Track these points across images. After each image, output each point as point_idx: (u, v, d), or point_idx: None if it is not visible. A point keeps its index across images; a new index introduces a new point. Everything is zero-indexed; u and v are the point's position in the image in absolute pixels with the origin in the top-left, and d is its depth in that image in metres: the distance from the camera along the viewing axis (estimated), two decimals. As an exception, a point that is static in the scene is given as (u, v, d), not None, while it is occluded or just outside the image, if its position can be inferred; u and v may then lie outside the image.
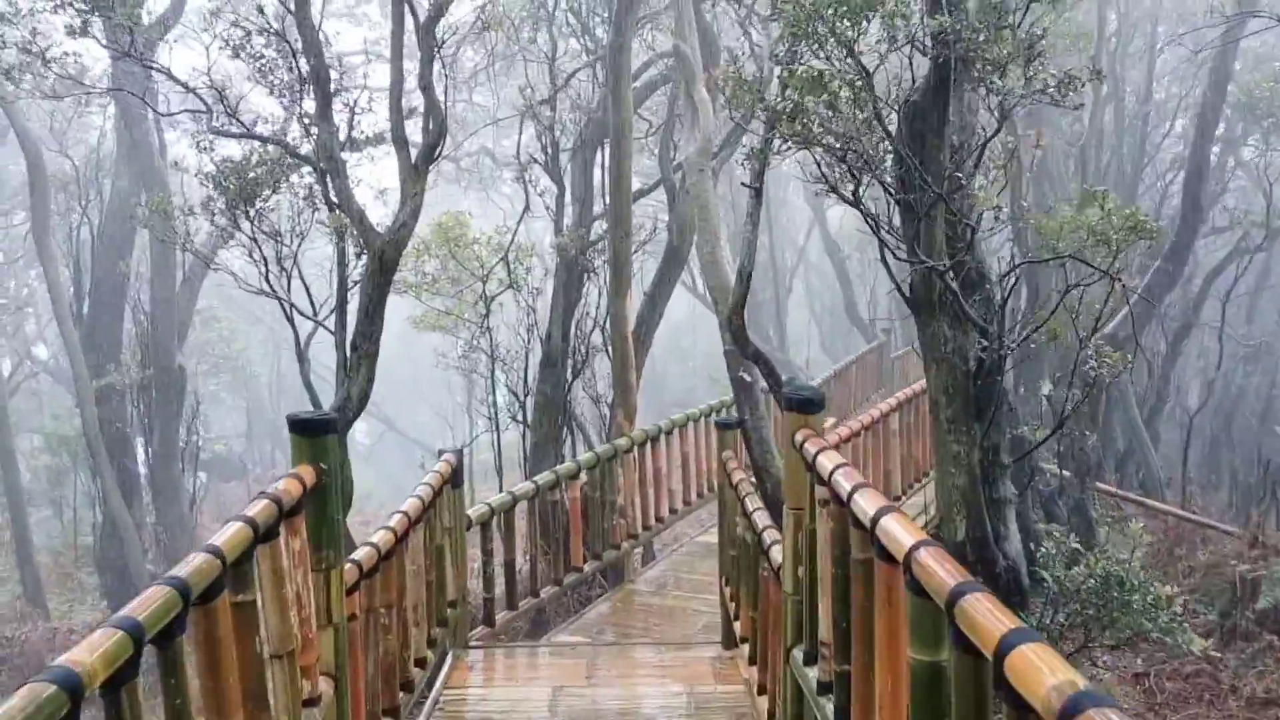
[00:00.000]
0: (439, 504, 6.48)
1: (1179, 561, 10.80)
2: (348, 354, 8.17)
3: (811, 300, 35.91)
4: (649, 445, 9.62)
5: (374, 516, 25.54)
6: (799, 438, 4.25)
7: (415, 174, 7.62)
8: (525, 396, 11.14)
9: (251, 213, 8.96)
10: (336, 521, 4.17)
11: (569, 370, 11.20)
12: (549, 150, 10.98)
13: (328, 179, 7.72)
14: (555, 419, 11.15)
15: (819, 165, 5.74)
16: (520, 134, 11.32)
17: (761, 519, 5.50)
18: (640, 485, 9.61)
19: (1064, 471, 10.43)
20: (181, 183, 12.19)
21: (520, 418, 11.21)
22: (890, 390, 20.52)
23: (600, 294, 11.16)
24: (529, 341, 11.15)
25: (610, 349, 10.44)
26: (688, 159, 7.68)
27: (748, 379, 7.17)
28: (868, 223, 5.94)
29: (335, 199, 7.70)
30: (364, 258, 8.04)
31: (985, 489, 5.54)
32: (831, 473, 3.53)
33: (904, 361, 21.12)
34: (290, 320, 9.31)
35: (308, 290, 9.60)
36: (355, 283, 8.47)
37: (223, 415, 35.84)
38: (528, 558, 8.11)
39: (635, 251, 9.89)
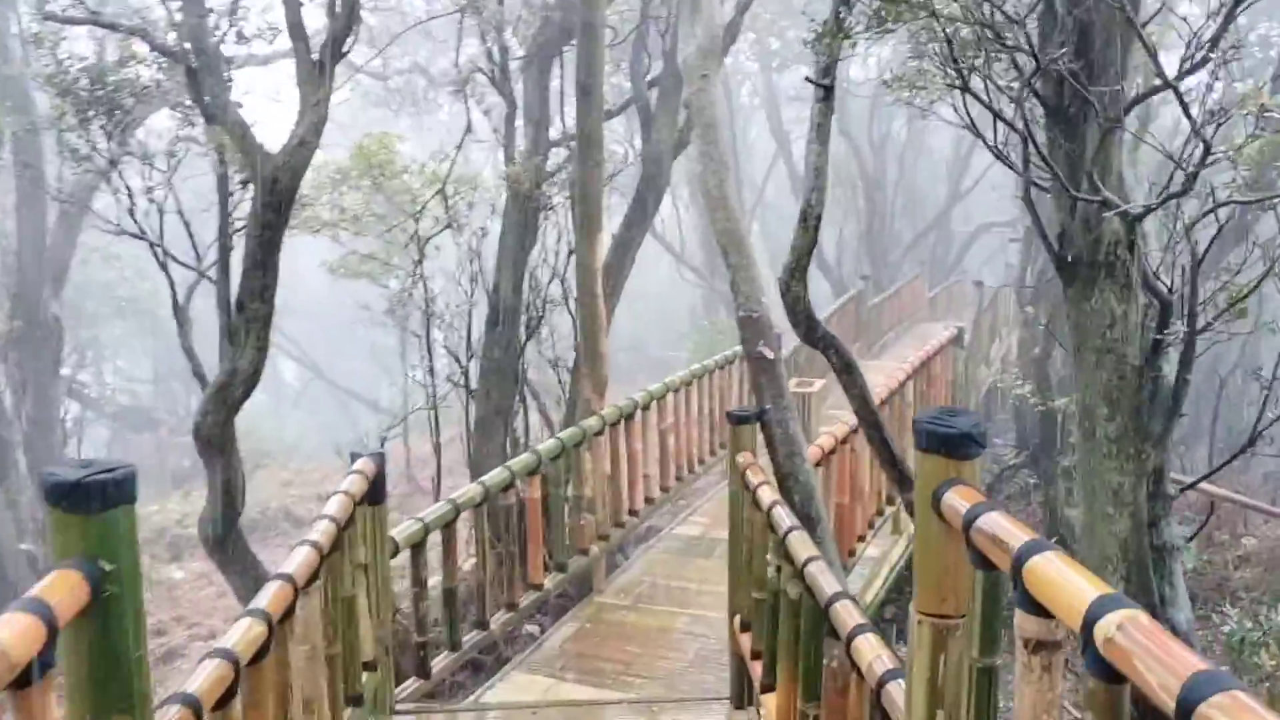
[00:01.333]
0: (349, 537, 4.62)
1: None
2: (231, 314, 6.17)
3: (769, 244, 34.10)
4: (622, 424, 7.82)
5: (297, 477, 23.55)
6: (952, 501, 2.44)
7: (317, 75, 5.58)
8: (468, 360, 9.21)
9: (110, 128, 6.85)
10: (131, 663, 2.27)
11: (521, 329, 9.28)
12: (496, 58, 8.92)
13: (199, 79, 5.64)
14: (505, 388, 9.26)
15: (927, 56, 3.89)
16: (460, 38, 9.22)
17: (825, 580, 3.72)
18: (613, 474, 7.82)
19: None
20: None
21: (463, 385, 9.28)
22: (868, 344, 18.97)
23: (560, 237, 9.22)
24: (472, 294, 9.19)
25: (573, 306, 8.55)
26: (686, 61, 5.74)
27: (769, 355, 5.34)
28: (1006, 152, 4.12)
29: (210, 108, 5.64)
30: (252, 188, 6.00)
31: (1149, 534, 3.83)
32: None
33: (880, 311, 19.53)
34: (164, 268, 7.25)
35: (188, 230, 7.53)
36: (243, 222, 6.43)
37: (136, 361, 33.26)
38: (474, 579, 6.30)
39: (605, 185, 7.94)
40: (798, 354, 12.12)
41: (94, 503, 2.16)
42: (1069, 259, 4.07)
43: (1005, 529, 2.14)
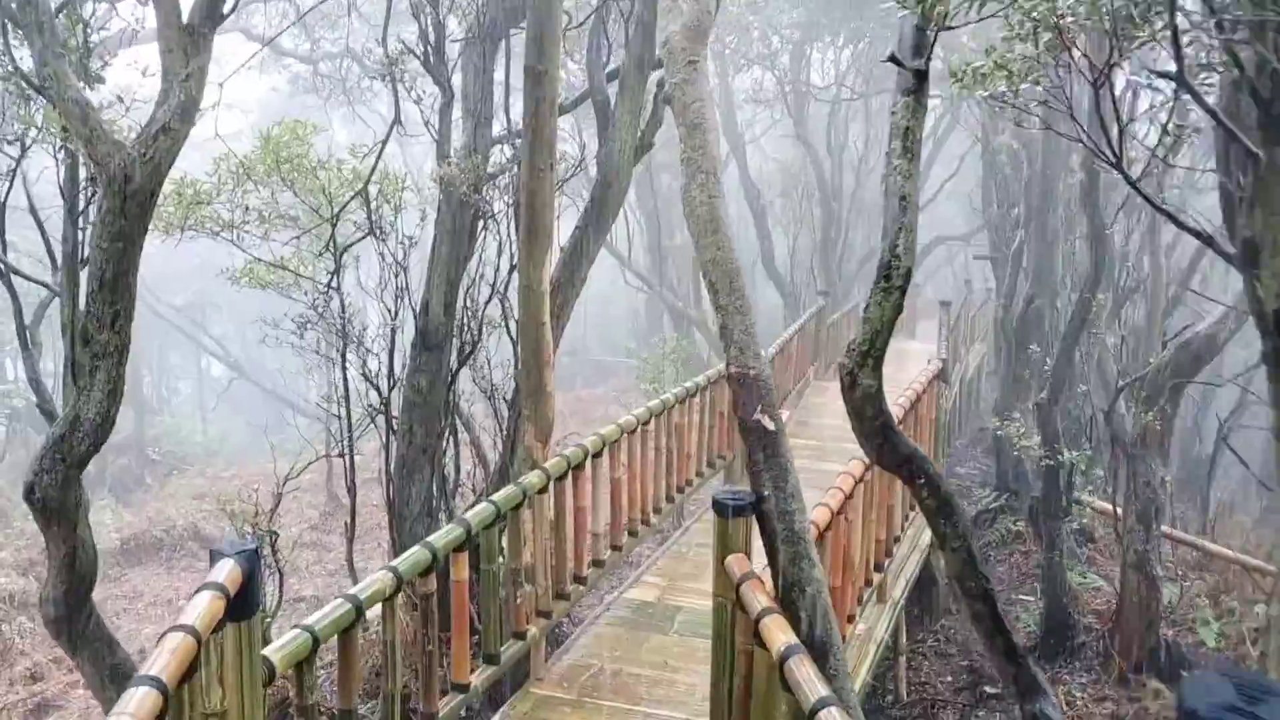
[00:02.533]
0: (196, 685, 3.33)
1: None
2: (74, 346, 4.79)
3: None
4: (569, 476, 6.58)
5: (213, 486, 21.74)
6: None
7: (188, 40, 4.24)
8: (390, 390, 7.86)
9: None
10: None
11: (453, 355, 7.97)
12: (430, 39, 7.59)
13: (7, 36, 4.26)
14: (433, 423, 7.94)
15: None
16: (389, 11, 7.83)
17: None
18: (557, 536, 6.57)
19: (1119, 510, 7.81)
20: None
21: (384, 420, 7.94)
22: (825, 364, 17.93)
23: (501, 249, 7.92)
24: (397, 313, 7.84)
25: (515, 331, 7.28)
26: (669, 44, 4.52)
27: (769, 426, 4.14)
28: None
29: (39, 78, 4.26)
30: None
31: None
32: None
33: (839, 329, 18.50)
34: (5, 280, 5.82)
35: (43, 232, 6.10)
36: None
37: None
38: (379, 693, 5.00)
39: (557, 192, 6.68)
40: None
41: None
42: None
43: None
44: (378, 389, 7.84)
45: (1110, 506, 8.47)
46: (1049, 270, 10.65)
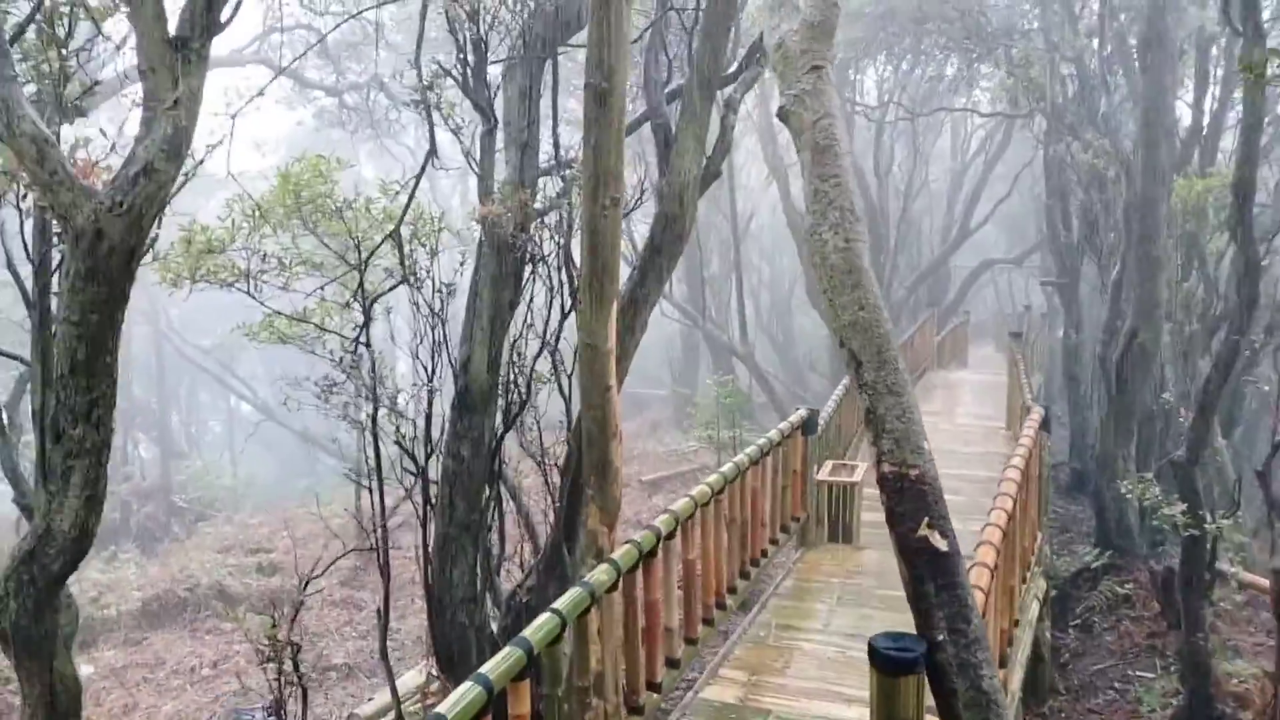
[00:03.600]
0: None
1: None
2: (44, 440, 3.84)
3: (749, 277, 31.98)
4: (640, 566, 5.55)
5: (240, 537, 20.83)
6: None
7: (174, 56, 3.30)
8: (427, 459, 6.88)
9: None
10: None
11: (498, 417, 6.99)
12: (469, 58, 6.66)
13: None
14: (475, 495, 6.95)
15: None
16: (421, 28, 6.89)
17: None
18: (627, 638, 5.54)
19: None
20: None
21: (421, 492, 6.96)
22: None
23: (551, 296, 6.94)
24: (435, 370, 6.88)
25: (574, 390, 6.30)
26: (783, 45, 3.54)
27: (942, 546, 3.10)
28: None
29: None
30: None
31: None
32: None
33: (905, 353, 17.37)
34: (-25, 351, 4.89)
35: (22, 289, 5.17)
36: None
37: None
38: None
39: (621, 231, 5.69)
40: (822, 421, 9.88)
41: None
42: None
43: None
44: (413, 458, 6.86)
45: (1261, 579, 7.33)
46: (1153, 302, 9.56)
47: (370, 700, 12.62)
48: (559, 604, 4.80)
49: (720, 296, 27.61)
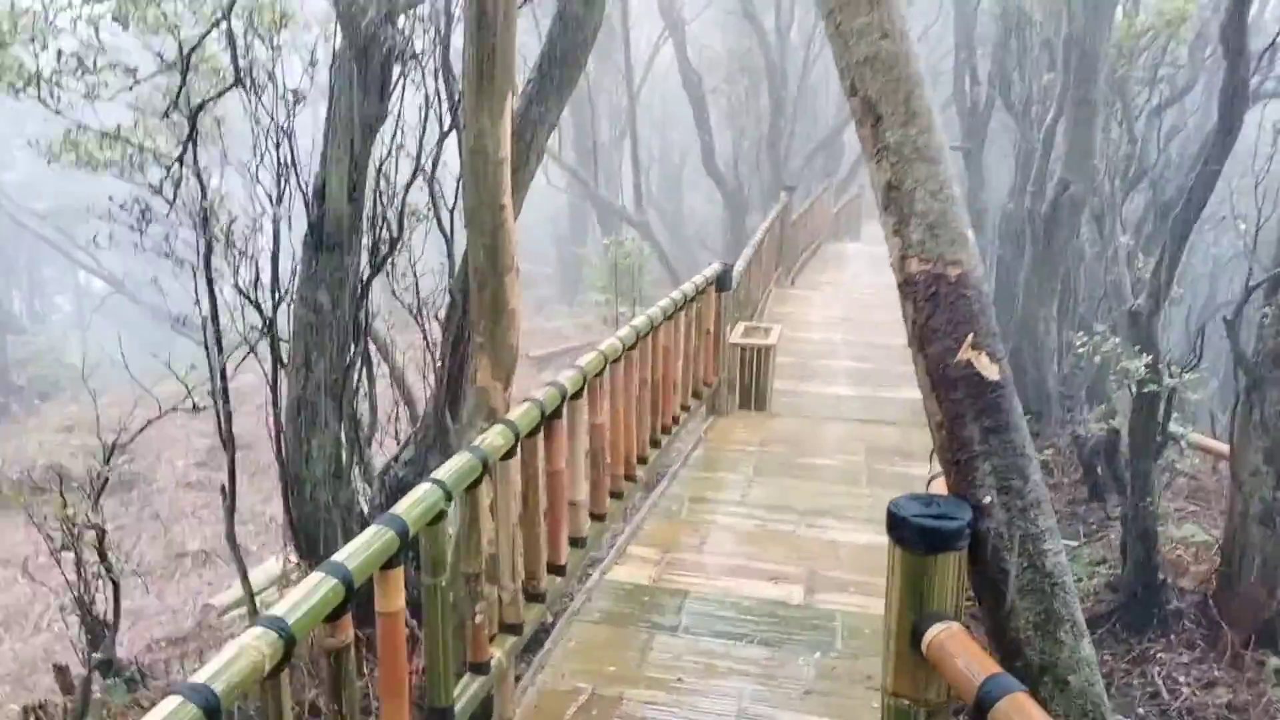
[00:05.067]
0: None
1: None
2: None
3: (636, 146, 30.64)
4: (541, 430, 4.54)
5: (83, 417, 18.93)
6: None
7: None
8: (275, 307, 5.67)
9: None
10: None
11: (363, 257, 5.80)
12: None
13: None
14: (338, 350, 5.79)
15: None
16: None
17: None
18: (527, 514, 4.56)
19: (1233, 447, 6.10)
20: None
21: (270, 349, 5.77)
22: (787, 270, 16.01)
23: (427, 108, 5.68)
24: (281, 198, 5.60)
25: (457, 226, 5.15)
26: None
27: (989, 375, 2.15)
28: None
29: None
30: None
31: None
32: None
33: (798, 229, 16.58)
34: None
35: None
36: None
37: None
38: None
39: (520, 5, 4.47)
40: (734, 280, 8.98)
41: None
42: None
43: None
44: (257, 305, 5.62)
45: (1215, 443, 6.86)
46: (1086, 150, 8.83)
47: (228, 588, 11.52)
48: (441, 472, 3.74)
49: (610, 165, 26.26)
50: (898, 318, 9.67)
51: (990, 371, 2.15)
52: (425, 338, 6.02)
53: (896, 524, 2.15)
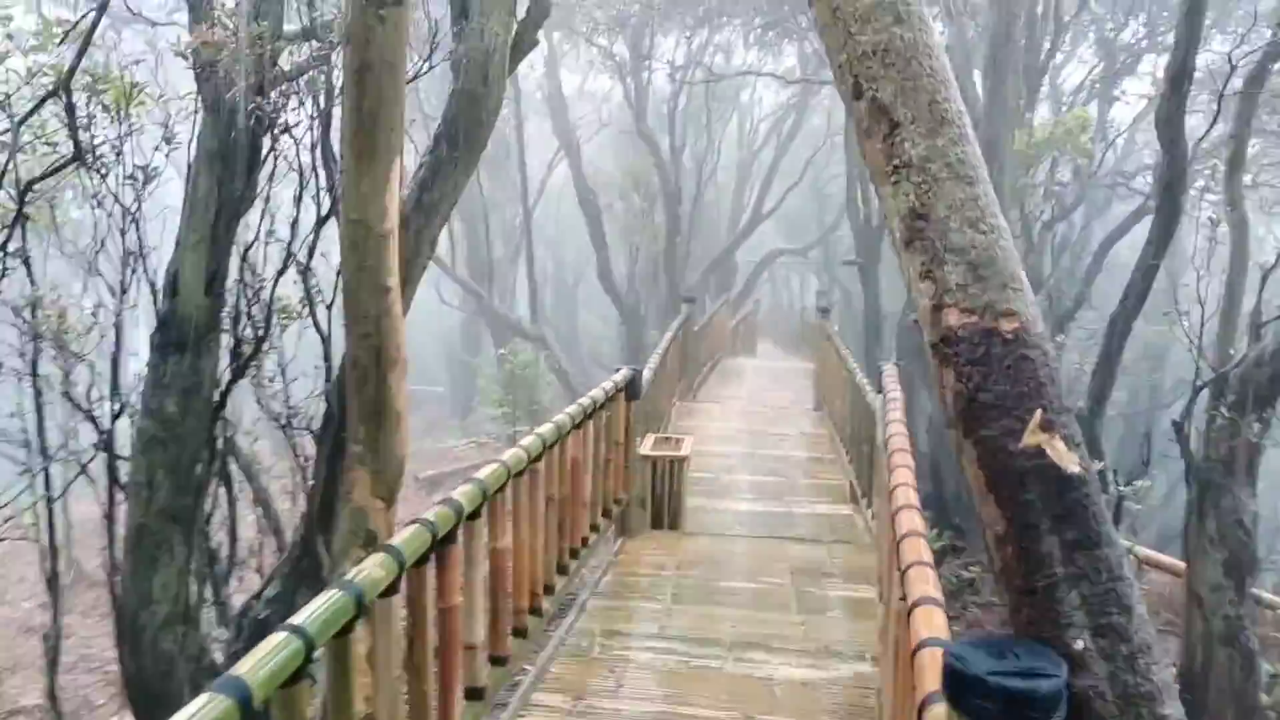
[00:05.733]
0: None
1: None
2: None
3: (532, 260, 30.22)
4: (432, 558, 3.76)
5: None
6: None
7: None
8: (115, 418, 4.78)
9: None
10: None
11: (223, 359, 4.98)
12: None
13: None
14: (186, 470, 4.91)
15: None
16: None
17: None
18: (412, 665, 3.73)
19: (1189, 560, 5.67)
20: None
21: (107, 468, 4.84)
22: (689, 385, 15.56)
23: (303, 186, 4.99)
24: (125, 293, 4.77)
25: (336, 324, 4.43)
26: None
27: (1068, 469, 1.52)
28: None
29: None
30: None
31: None
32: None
33: (699, 342, 16.23)
34: None
35: None
36: None
37: None
38: None
39: (409, 70, 3.87)
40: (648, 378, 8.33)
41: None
42: None
43: None
44: (92, 419, 4.72)
45: (1164, 558, 6.40)
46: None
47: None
48: (302, 616, 2.92)
49: (504, 282, 25.78)
50: (801, 430, 9.36)
51: (1068, 462, 1.54)
52: (295, 453, 5.17)
53: (963, 687, 1.49)
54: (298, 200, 5.00)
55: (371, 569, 3.28)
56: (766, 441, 12.31)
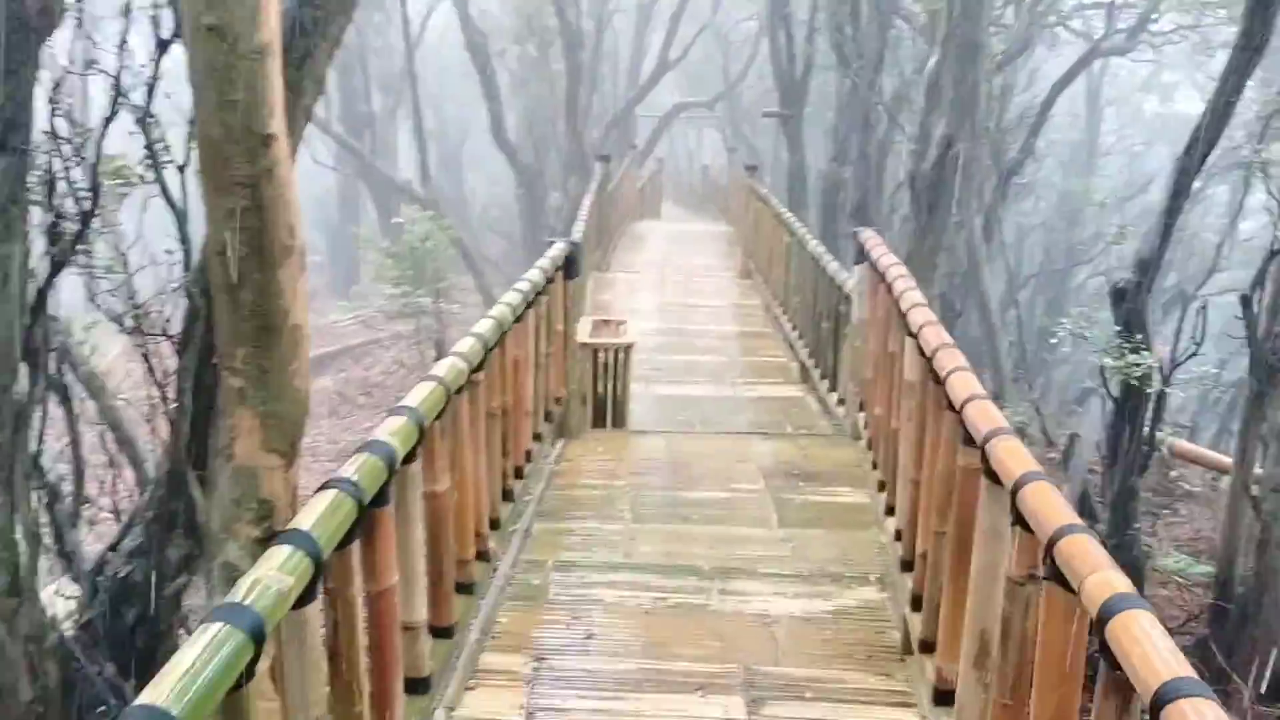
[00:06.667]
0: None
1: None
2: None
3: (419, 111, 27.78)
4: (357, 535, 2.60)
5: None
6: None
7: None
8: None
9: None
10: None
11: (37, 242, 3.58)
12: None
13: None
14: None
15: None
16: None
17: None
18: (336, 678, 2.62)
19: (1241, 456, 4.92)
20: None
21: None
22: (604, 252, 14.25)
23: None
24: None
25: (190, 186, 3.07)
26: None
27: None
28: None
29: None
30: None
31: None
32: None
33: (612, 205, 14.90)
34: None
35: None
36: None
37: None
38: None
39: None
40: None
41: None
42: None
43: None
44: None
45: (1207, 452, 5.73)
46: (972, 100, 7.63)
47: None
48: (165, 687, 1.75)
49: (383, 140, 23.67)
50: (731, 301, 8.19)
51: None
52: (150, 366, 3.85)
53: None
54: (126, 10, 3.52)
55: (273, 579, 2.11)
56: (696, 315, 11.32)
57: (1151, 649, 1.77)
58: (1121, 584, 2.01)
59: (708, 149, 37.11)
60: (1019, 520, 2.55)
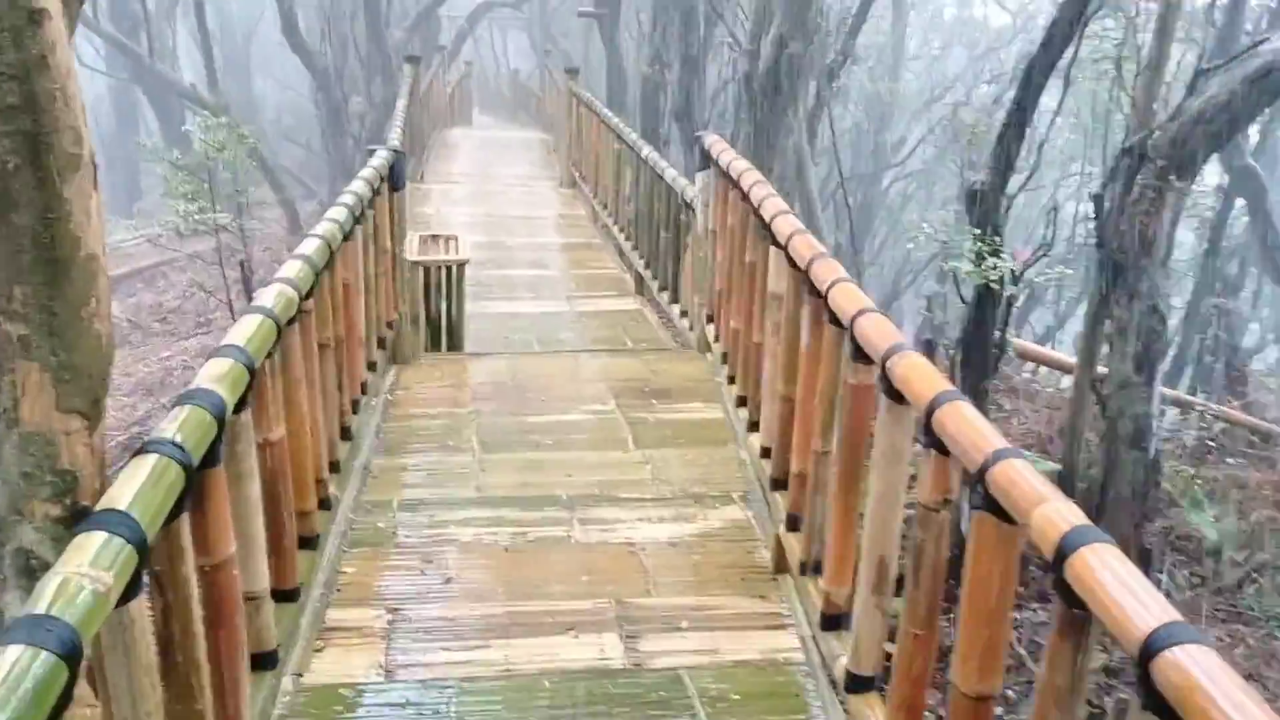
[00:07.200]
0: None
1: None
2: None
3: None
4: (187, 504, 2.17)
5: None
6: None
7: None
8: None
9: None
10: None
11: None
12: None
13: None
14: None
15: None
16: None
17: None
18: (168, 674, 2.21)
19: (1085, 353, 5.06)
20: None
21: None
22: (420, 162, 13.40)
23: None
24: None
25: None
26: None
27: None
28: None
29: None
30: None
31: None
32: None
33: (424, 113, 14.01)
34: None
35: None
36: None
37: None
38: None
39: None
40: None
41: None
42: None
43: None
44: None
45: (1047, 351, 5.83)
46: (805, 3, 7.43)
47: None
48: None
49: (160, 40, 21.43)
50: (555, 212, 7.86)
51: None
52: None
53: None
54: None
55: (86, 577, 1.68)
56: (519, 227, 10.86)
57: (1127, 590, 1.63)
58: (1075, 516, 1.87)
59: (514, 52, 35.82)
60: (934, 444, 2.40)
